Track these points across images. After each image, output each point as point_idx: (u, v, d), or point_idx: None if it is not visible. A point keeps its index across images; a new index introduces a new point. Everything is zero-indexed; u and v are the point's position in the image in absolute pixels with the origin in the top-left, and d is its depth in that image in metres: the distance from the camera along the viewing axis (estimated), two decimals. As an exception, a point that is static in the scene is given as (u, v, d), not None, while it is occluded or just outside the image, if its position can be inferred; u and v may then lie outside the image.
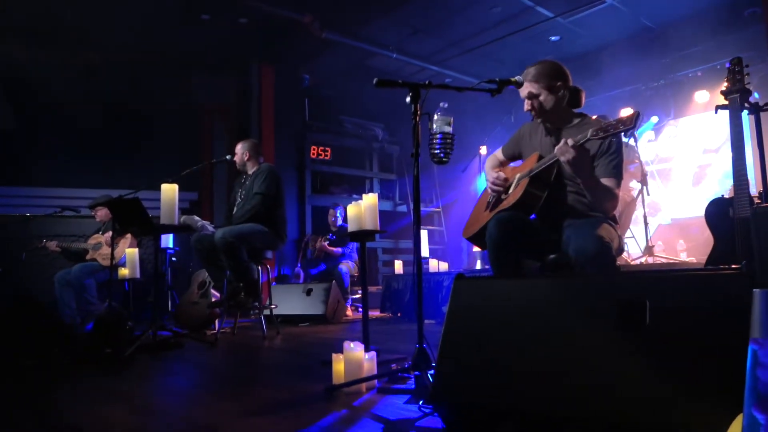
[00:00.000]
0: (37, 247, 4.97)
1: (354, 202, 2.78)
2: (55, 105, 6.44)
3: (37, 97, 6.44)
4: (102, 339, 3.09)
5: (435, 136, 2.14)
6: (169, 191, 3.41)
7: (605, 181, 2.16)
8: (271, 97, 7.32)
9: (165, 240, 5.49)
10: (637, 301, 1.24)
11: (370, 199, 2.74)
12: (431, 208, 9.08)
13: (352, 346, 2.06)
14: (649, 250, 4.78)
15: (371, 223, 2.72)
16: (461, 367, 1.42)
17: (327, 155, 8.18)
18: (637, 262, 4.81)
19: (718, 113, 2.52)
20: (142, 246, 5.08)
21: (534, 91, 2.24)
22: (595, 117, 2.34)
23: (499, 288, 1.52)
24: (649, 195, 4.99)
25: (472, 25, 6.54)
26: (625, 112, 7.04)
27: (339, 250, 6.35)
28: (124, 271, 4.55)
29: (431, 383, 1.48)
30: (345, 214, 6.55)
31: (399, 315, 5.52)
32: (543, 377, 1.29)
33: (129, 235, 4.99)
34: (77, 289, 4.76)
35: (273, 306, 4.21)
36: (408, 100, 2.07)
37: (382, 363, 2.50)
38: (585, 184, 2.14)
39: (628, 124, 1.85)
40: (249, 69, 7.37)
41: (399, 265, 6.45)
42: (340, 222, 6.51)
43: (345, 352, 2.06)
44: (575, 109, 2.33)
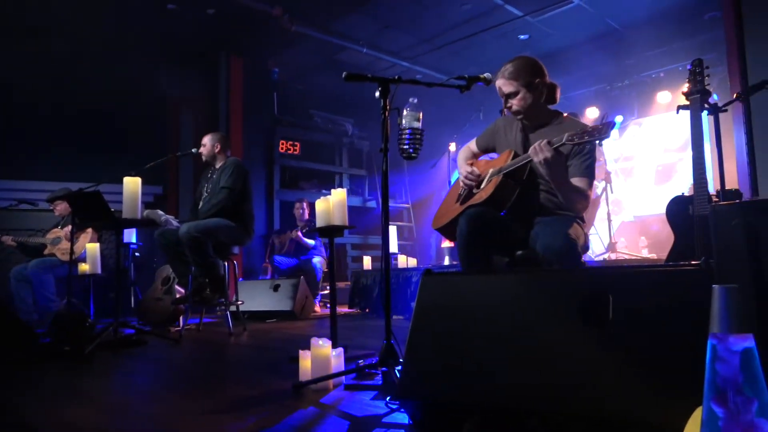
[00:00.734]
0: None
1: (322, 197, 2.75)
2: (13, 94, 6.18)
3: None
4: (61, 336, 2.99)
5: (404, 132, 2.13)
6: (131, 184, 3.32)
7: (577, 181, 2.17)
8: (239, 90, 7.19)
9: (128, 235, 5.35)
10: (600, 296, 1.27)
11: (338, 195, 2.71)
12: (400, 204, 9.09)
13: (320, 343, 2.04)
14: (612, 247, 4.90)
15: (340, 218, 2.69)
16: (428, 363, 1.43)
17: (296, 150, 8.10)
18: (600, 259, 4.93)
19: (680, 113, 2.59)
20: (103, 241, 4.94)
21: (512, 89, 2.22)
22: (566, 115, 2.36)
23: (467, 284, 1.53)
24: (612, 193, 5.11)
25: (442, 22, 6.56)
26: (591, 111, 7.19)
27: (311, 242, 6.33)
28: (85, 267, 4.41)
29: (398, 379, 1.48)
30: (312, 209, 6.57)
31: (367, 311, 5.51)
32: (509, 373, 1.30)
33: (89, 230, 4.85)
34: (34, 285, 4.60)
35: (239, 302, 4.15)
36: (377, 95, 2.05)
37: (350, 359, 2.49)
38: (557, 185, 2.14)
39: (603, 133, 1.90)
40: (217, 61, 7.22)
41: (368, 261, 6.44)
42: (306, 216, 6.53)
43: (312, 348, 2.04)
44: (550, 106, 2.33)
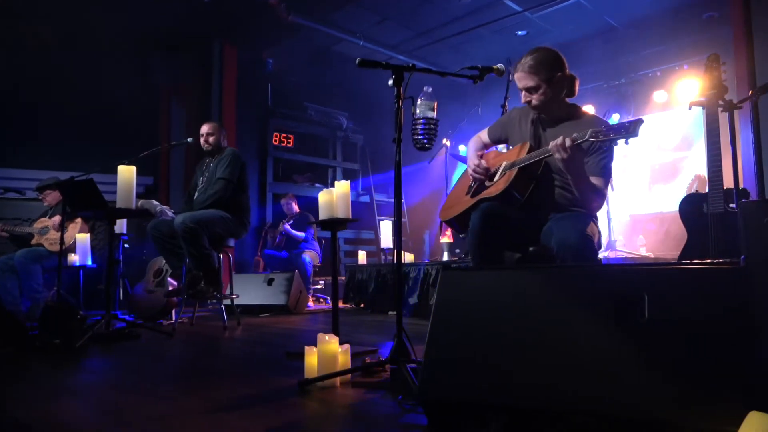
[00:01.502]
0: None
1: (325, 190, 2.67)
2: (2, 81, 6.00)
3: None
4: (51, 329, 2.89)
5: (418, 122, 2.05)
6: (126, 173, 3.22)
7: (593, 179, 2.10)
8: (233, 80, 7.05)
9: (119, 225, 5.22)
10: (634, 295, 1.21)
11: (342, 187, 2.64)
12: (394, 199, 9.01)
13: (327, 338, 1.97)
14: (611, 245, 4.88)
15: (343, 211, 2.62)
16: (451, 361, 1.36)
17: (290, 142, 7.99)
18: (600, 257, 4.90)
19: (692, 109, 2.55)
20: (94, 231, 4.81)
21: (533, 84, 2.11)
22: (584, 109, 2.28)
23: (488, 279, 1.46)
24: (613, 190, 5.09)
25: (440, 15, 6.49)
26: (587, 109, 7.16)
27: (301, 234, 6.26)
28: (73, 257, 4.29)
29: (418, 377, 1.41)
30: (299, 202, 6.56)
31: (362, 306, 5.44)
32: (538, 372, 1.24)
33: (79, 220, 4.72)
34: (21, 275, 4.47)
35: (235, 296, 4.06)
36: (390, 83, 1.98)
37: (352, 355, 2.42)
38: (575, 182, 2.06)
39: (631, 132, 1.73)
40: (211, 49, 7.07)
41: (363, 256, 6.37)
42: (294, 208, 6.48)
43: (319, 345, 1.96)
44: (569, 99, 2.24)
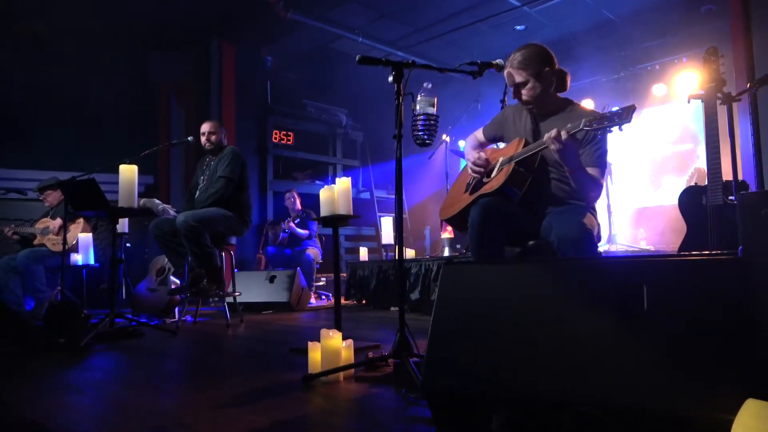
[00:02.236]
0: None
1: (327, 186, 2.69)
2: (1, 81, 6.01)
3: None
4: (55, 328, 2.91)
5: (418, 118, 2.07)
6: (127, 172, 3.24)
7: (589, 170, 2.11)
8: (232, 77, 7.04)
9: (121, 224, 5.23)
10: (634, 286, 1.23)
11: (343, 183, 2.66)
12: (394, 196, 9.02)
13: (330, 334, 1.99)
14: (612, 239, 4.89)
15: (345, 207, 2.64)
16: (453, 354, 1.38)
17: (290, 140, 7.99)
18: (600, 250, 4.92)
19: (691, 102, 2.56)
20: (97, 231, 4.83)
21: (521, 79, 2.16)
22: (579, 103, 2.31)
23: (490, 273, 1.48)
24: (613, 184, 5.10)
25: (439, 12, 6.47)
26: (586, 103, 7.17)
27: (306, 232, 6.28)
28: (76, 257, 4.31)
29: (421, 371, 1.43)
30: (302, 199, 6.57)
31: (364, 302, 5.46)
32: (540, 365, 1.26)
33: (81, 220, 4.74)
34: (24, 275, 4.49)
35: (237, 293, 4.08)
36: (390, 79, 1.99)
37: (355, 351, 2.44)
38: (572, 173, 2.08)
39: (624, 118, 1.74)
40: (209, 46, 7.06)
41: (364, 252, 6.38)
42: (297, 206, 6.49)
43: (322, 340, 1.98)
44: (560, 94, 2.27)
